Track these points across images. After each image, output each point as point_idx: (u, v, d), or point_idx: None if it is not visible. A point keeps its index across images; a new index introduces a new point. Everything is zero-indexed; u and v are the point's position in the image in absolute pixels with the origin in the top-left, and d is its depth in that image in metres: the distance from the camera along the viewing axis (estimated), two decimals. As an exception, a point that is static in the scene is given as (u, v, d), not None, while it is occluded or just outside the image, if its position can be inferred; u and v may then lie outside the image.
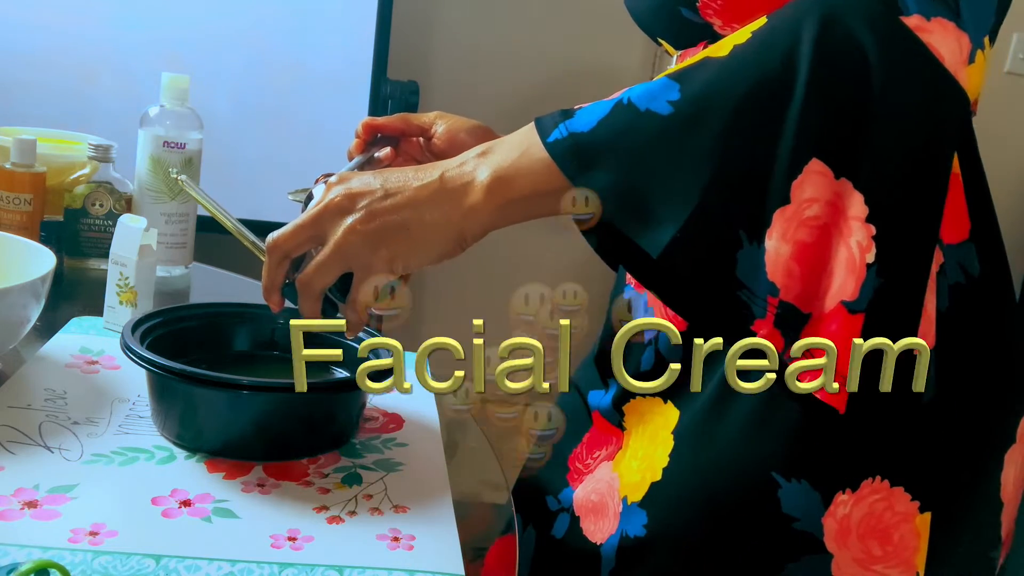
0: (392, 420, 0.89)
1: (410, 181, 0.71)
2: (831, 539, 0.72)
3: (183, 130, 1.26)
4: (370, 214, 0.71)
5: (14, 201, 1.18)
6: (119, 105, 2.04)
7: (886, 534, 0.73)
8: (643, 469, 0.81)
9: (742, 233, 0.63)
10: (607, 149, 0.65)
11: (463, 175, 0.70)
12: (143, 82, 1.60)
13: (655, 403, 0.82)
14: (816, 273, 0.63)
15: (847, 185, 0.62)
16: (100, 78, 2.09)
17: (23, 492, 0.69)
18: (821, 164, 0.62)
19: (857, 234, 0.62)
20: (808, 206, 0.62)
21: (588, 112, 0.67)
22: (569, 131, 0.66)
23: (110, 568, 0.62)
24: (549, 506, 0.91)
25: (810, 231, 0.62)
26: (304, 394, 0.79)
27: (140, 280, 1.02)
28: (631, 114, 0.65)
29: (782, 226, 0.62)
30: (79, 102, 2.07)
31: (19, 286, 0.83)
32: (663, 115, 0.64)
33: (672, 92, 0.64)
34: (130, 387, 0.88)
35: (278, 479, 0.75)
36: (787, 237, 0.62)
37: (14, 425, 0.78)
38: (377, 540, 0.69)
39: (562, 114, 0.69)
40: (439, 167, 0.71)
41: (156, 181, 1.25)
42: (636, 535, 0.79)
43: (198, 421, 0.78)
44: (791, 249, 0.62)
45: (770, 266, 0.63)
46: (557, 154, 0.66)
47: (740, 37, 0.66)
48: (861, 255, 0.62)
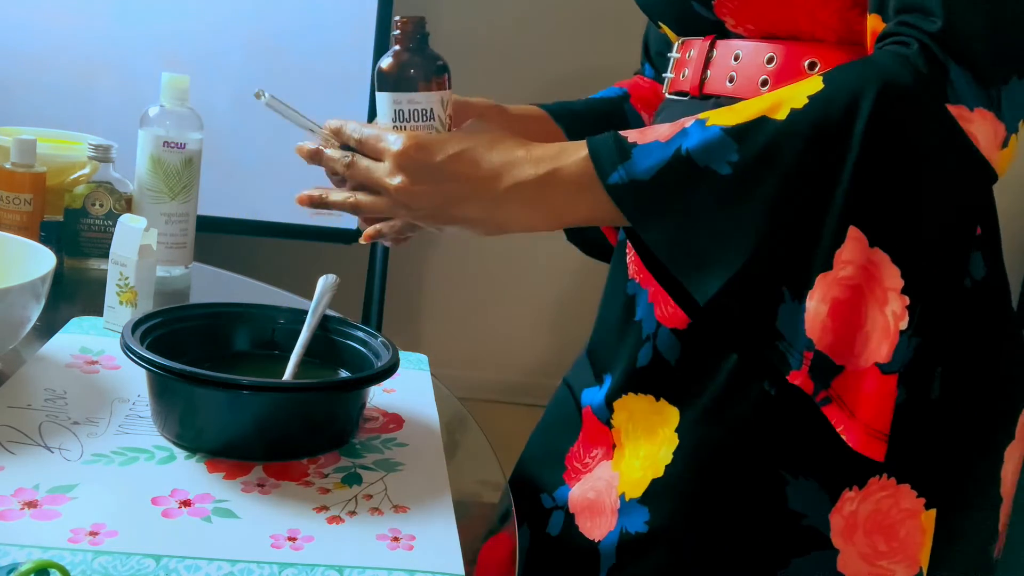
0: (392, 420, 0.89)
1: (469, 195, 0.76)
2: (838, 535, 0.74)
3: (183, 130, 1.26)
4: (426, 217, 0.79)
5: (14, 201, 1.18)
6: (119, 105, 2.04)
7: (892, 530, 0.74)
8: (644, 467, 0.81)
9: (785, 290, 0.69)
10: (666, 200, 0.69)
11: (523, 203, 0.75)
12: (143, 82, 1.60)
13: (647, 401, 0.83)
14: (849, 329, 0.68)
15: (883, 256, 0.67)
16: (100, 78, 2.09)
17: (23, 492, 0.69)
18: (857, 231, 0.67)
19: (893, 304, 0.67)
20: (843, 267, 0.67)
21: (646, 155, 0.70)
22: (629, 176, 0.70)
23: (110, 568, 0.62)
24: (543, 504, 0.92)
25: (843, 289, 0.67)
26: (304, 394, 0.80)
27: (140, 280, 1.02)
28: (690, 168, 0.69)
29: (823, 289, 0.68)
30: (79, 102, 2.07)
31: (19, 286, 0.83)
32: (721, 175, 0.68)
33: (731, 152, 0.68)
34: (130, 387, 0.88)
35: (278, 479, 0.75)
36: (826, 298, 0.68)
37: (14, 425, 0.78)
38: (377, 540, 0.69)
39: (618, 150, 0.71)
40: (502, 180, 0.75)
41: (156, 181, 1.25)
42: (638, 531, 0.80)
43: (198, 421, 0.78)
44: (827, 306, 0.68)
45: (809, 323, 0.68)
46: (618, 198, 0.71)
47: (797, 99, 0.68)
48: (895, 323, 0.67)
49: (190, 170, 1.27)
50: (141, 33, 2.08)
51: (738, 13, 0.77)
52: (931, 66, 0.66)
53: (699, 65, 0.82)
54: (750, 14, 0.77)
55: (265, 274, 1.41)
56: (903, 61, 0.67)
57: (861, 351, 0.68)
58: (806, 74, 0.75)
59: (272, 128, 2.18)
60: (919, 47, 0.67)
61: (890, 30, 0.69)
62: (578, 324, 1.13)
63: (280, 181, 2.19)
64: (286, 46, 2.14)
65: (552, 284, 2.83)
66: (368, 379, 0.81)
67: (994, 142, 0.67)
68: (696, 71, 0.83)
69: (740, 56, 0.79)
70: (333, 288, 0.92)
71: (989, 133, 0.67)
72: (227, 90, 2.13)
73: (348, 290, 2.28)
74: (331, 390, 0.82)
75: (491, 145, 0.77)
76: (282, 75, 2.16)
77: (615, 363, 0.88)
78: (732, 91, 0.79)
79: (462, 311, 2.90)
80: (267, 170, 2.19)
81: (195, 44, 2.11)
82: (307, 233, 2.26)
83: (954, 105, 0.66)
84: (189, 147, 1.26)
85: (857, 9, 0.73)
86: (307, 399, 0.79)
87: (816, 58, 0.75)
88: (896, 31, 0.69)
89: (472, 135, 0.78)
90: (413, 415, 0.90)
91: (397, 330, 2.59)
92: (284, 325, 0.91)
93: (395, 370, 0.82)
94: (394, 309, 2.58)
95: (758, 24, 0.77)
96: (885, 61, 0.68)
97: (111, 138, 1.31)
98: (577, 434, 0.92)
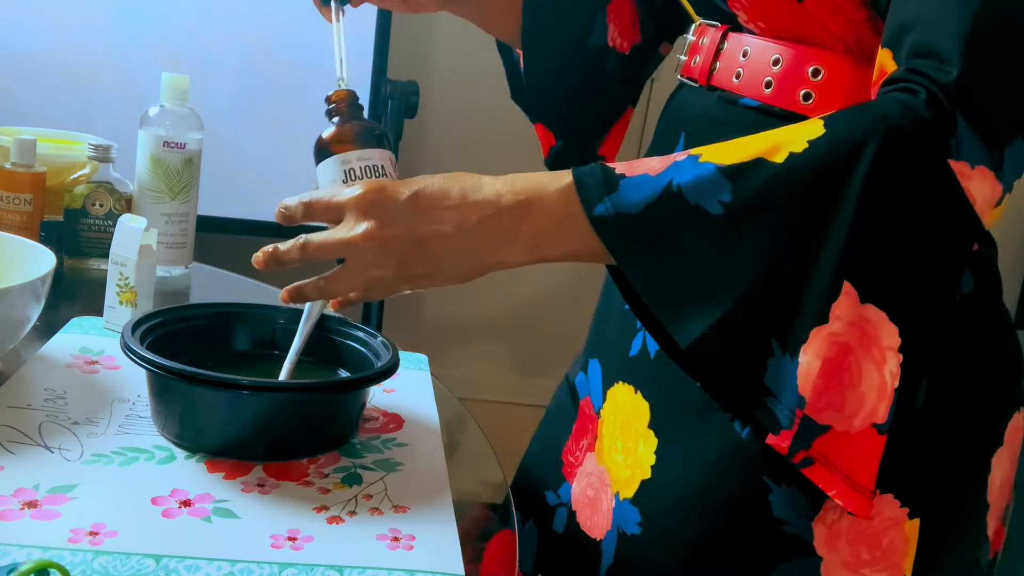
0: (392, 420, 0.89)
1: (444, 227, 0.70)
2: (821, 543, 0.73)
3: (183, 130, 1.26)
4: (401, 263, 0.72)
5: (14, 201, 1.18)
6: (119, 105, 2.04)
7: (875, 539, 0.74)
8: (630, 465, 0.82)
9: (775, 342, 0.65)
10: (652, 236, 0.66)
11: (500, 233, 0.70)
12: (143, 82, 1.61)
13: (629, 391, 0.83)
14: (839, 389, 0.65)
15: (878, 313, 0.64)
16: (100, 78, 2.09)
17: (23, 492, 0.69)
18: (849, 286, 0.64)
19: (890, 363, 0.64)
20: (833, 322, 0.64)
21: (634, 188, 0.67)
22: (616, 209, 0.66)
23: (110, 568, 0.62)
24: (548, 500, 0.92)
25: (830, 346, 0.64)
26: (304, 394, 0.80)
27: (140, 280, 1.02)
28: (679, 205, 0.65)
29: (819, 344, 0.64)
30: (79, 102, 2.07)
31: (19, 286, 0.83)
32: (712, 215, 0.65)
33: (724, 192, 0.64)
34: (130, 387, 0.88)
35: (278, 479, 0.75)
36: (819, 354, 0.64)
37: (14, 425, 0.78)
38: (377, 540, 0.69)
39: (604, 180, 0.67)
40: (476, 209, 0.70)
41: (156, 181, 1.25)
42: (632, 532, 0.80)
43: (198, 421, 0.78)
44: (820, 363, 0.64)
45: (802, 379, 0.64)
46: (602, 232, 0.67)
47: (796, 143, 0.65)
48: (892, 382, 0.65)
49: (190, 170, 1.27)
50: (141, 33, 2.08)
51: (750, 10, 0.77)
52: (938, 118, 0.64)
53: (710, 54, 0.83)
54: (761, 13, 0.77)
55: (265, 274, 1.40)
56: (908, 111, 0.64)
57: (855, 411, 0.65)
58: (809, 81, 0.75)
59: (272, 128, 2.19)
60: (927, 97, 0.64)
61: (900, 75, 0.66)
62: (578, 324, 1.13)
63: (280, 181, 2.20)
64: (286, 46, 2.14)
65: (552, 284, 2.83)
66: (368, 379, 0.81)
67: (990, 201, 0.65)
68: (706, 60, 0.83)
69: (748, 53, 0.79)
70: None
71: (987, 192, 0.65)
72: (227, 90, 2.13)
73: (348, 290, 2.29)
74: (331, 390, 0.82)
75: (454, 179, 0.72)
76: (282, 75, 2.16)
77: (608, 350, 0.88)
78: (737, 87, 0.79)
79: (462, 311, 2.90)
80: (267, 170, 2.19)
81: (195, 44, 2.11)
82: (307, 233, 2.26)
83: (956, 161, 0.64)
84: (189, 147, 1.26)
85: (869, 24, 0.72)
86: (307, 399, 0.79)
87: (821, 65, 0.74)
88: (906, 77, 0.66)
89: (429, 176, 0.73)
90: (413, 415, 0.90)
91: (397, 330, 2.59)
92: (284, 325, 0.91)
93: (395, 370, 0.82)
94: (394, 309, 2.58)
95: (768, 23, 0.77)
96: (889, 110, 0.65)
97: (111, 138, 1.31)
98: (572, 428, 0.93)
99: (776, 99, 0.76)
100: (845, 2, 0.72)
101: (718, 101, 0.81)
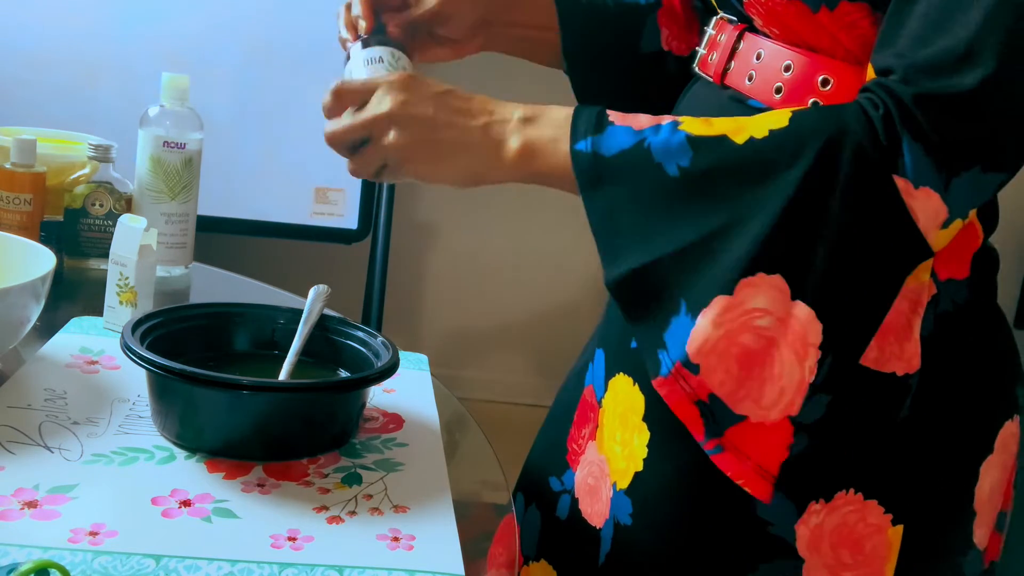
0: (392, 420, 0.89)
1: (456, 120, 0.78)
2: (803, 545, 0.75)
3: (183, 130, 1.26)
4: (415, 143, 0.78)
5: (14, 201, 1.18)
6: (119, 105, 2.04)
7: (858, 544, 0.75)
8: (626, 456, 0.84)
9: (683, 301, 0.70)
10: (615, 180, 0.73)
11: (501, 135, 0.77)
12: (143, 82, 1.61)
13: (628, 382, 0.85)
14: (756, 379, 0.69)
15: (806, 310, 0.68)
16: (100, 78, 2.09)
17: (23, 492, 0.69)
18: (782, 281, 0.68)
19: (811, 359, 0.69)
20: (760, 316, 0.68)
21: (614, 136, 0.73)
22: (593, 148, 0.73)
23: (110, 568, 0.62)
24: (552, 487, 0.93)
25: (757, 339, 0.68)
26: (304, 394, 0.80)
27: (140, 280, 1.02)
28: (645, 161, 0.72)
29: (718, 312, 0.68)
30: (79, 102, 2.07)
31: (19, 286, 0.83)
32: (669, 176, 0.71)
33: (684, 158, 0.71)
34: (130, 387, 0.88)
35: (278, 479, 0.75)
36: (723, 328, 0.68)
37: (14, 425, 0.78)
38: (377, 540, 0.69)
39: (596, 122, 0.74)
40: (485, 114, 0.78)
41: (156, 181, 1.25)
42: (625, 523, 0.82)
43: (198, 421, 0.78)
44: (735, 350, 0.68)
45: (692, 338, 0.69)
46: (575, 162, 0.74)
47: (760, 129, 0.70)
48: (810, 377, 0.69)
49: (190, 170, 1.27)
50: (141, 33, 2.08)
51: (765, 16, 0.79)
52: (888, 135, 0.67)
53: (726, 52, 0.84)
54: (776, 20, 0.78)
55: (265, 274, 1.41)
56: (865, 121, 0.68)
57: (774, 403, 0.69)
58: (818, 90, 0.76)
59: (272, 128, 2.19)
60: (884, 112, 0.68)
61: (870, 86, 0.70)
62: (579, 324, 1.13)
63: (280, 181, 2.20)
64: (286, 47, 2.14)
65: (552, 284, 2.83)
66: (368, 379, 0.82)
67: (934, 221, 0.68)
68: (722, 58, 0.84)
69: (762, 56, 0.80)
70: (324, 298, 0.92)
71: (930, 212, 0.68)
72: (227, 90, 2.13)
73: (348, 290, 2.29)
74: (331, 390, 0.82)
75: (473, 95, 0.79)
76: (282, 76, 2.16)
77: (612, 340, 0.90)
78: (749, 90, 0.81)
79: (462, 311, 2.90)
80: (267, 170, 2.19)
81: (195, 44, 2.11)
82: (307, 233, 2.26)
83: (900, 177, 0.67)
84: (189, 147, 1.26)
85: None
86: (307, 399, 0.79)
87: (830, 75, 0.76)
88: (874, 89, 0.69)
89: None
90: (413, 415, 0.90)
91: (397, 330, 2.59)
92: (284, 325, 0.91)
93: (395, 370, 0.82)
94: (394, 309, 2.58)
95: (783, 30, 0.78)
96: (848, 116, 0.69)
97: (111, 138, 1.31)
98: (575, 415, 0.94)
99: (784, 105, 0.77)
100: (859, 18, 0.73)
101: (729, 100, 0.82)
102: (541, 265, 2.76)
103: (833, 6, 0.73)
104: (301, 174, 2.21)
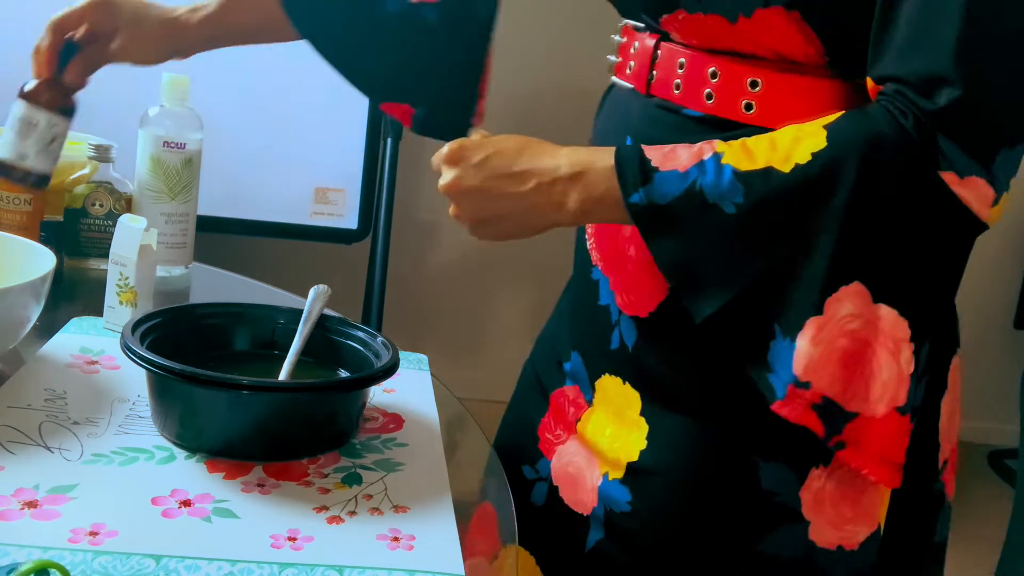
0: (392, 420, 0.89)
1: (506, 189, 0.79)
2: (808, 509, 0.80)
3: (183, 130, 1.26)
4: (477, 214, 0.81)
5: (14, 201, 1.18)
6: (119, 105, 2.04)
7: (856, 499, 0.81)
8: (616, 449, 0.86)
9: (776, 327, 0.74)
10: (677, 226, 0.75)
11: (556, 196, 0.78)
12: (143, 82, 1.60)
13: (617, 382, 0.88)
14: (860, 378, 0.73)
15: (889, 311, 0.73)
16: (100, 78, 2.08)
17: (23, 492, 0.69)
18: (861, 287, 0.72)
19: (904, 353, 0.73)
20: (850, 320, 0.73)
21: (665, 182, 0.75)
22: (648, 199, 0.75)
23: (110, 568, 0.62)
24: (526, 475, 0.95)
25: (853, 341, 0.73)
26: (304, 394, 0.80)
27: (140, 280, 1.02)
28: (701, 204, 0.74)
29: (814, 332, 0.72)
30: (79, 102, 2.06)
31: (19, 286, 0.83)
32: (727, 213, 0.73)
33: (737, 195, 0.73)
34: (130, 387, 0.88)
35: (278, 479, 0.75)
36: (822, 344, 0.72)
37: (14, 425, 0.78)
38: (377, 540, 0.69)
39: (641, 172, 0.76)
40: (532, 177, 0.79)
41: (156, 181, 1.25)
42: (621, 511, 0.85)
43: (198, 421, 0.78)
44: (835, 355, 0.72)
45: (798, 361, 0.73)
46: (636, 216, 0.76)
47: (802, 154, 0.73)
48: (908, 368, 0.74)
49: (190, 170, 1.27)
50: (141, 33, 2.08)
51: (683, 31, 0.81)
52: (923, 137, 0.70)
53: (644, 63, 0.85)
54: (695, 33, 0.80)
55: (265, 274, 1.41)
56: (898, 128, 0.71)
57: (879, 398, 0.73)
58: (748, 92, 0.78)
59: (272, 128, 2.19)
60: (914, 121, 0.70)
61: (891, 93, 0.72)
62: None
63: (280, 181, 2.20)
64: (286, 46, 2.14)
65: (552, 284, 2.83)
66: (368, 379, 0.82)
67: (985, 203, 0.72)
68: (642, 68, 0.85)
69: (684, 65, 0.81)
70: (324, 298, 0.92)
71: (980, 197, 0.71)
72: (227, 90, 2.13)
73: (348, 290, 2.29)
74: (331, 390, 0.82)
75: (525, 146, 0.80)
76: (282, 75, 2.16)
77: (589, 343, 0.92)
78: (678, 99, 0.82)
79: (462, 311, 2.90)
80: (267, 170, 2.19)
81: (195, 44, 2.10)
82: (307, 233, 2.26)
83: (945, 172, 0.70)
84: (189, 147, 1.26)
85: (800, 37, 0.75)
86: (307, 399, 0.79)
87: (758, 77, 0.78)
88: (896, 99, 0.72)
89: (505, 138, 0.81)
90: (413, 415, 0.90)
91: (397, 330, 2.59)
92: (284, 325, 0.91)
93: (395, 370, 0.82)
94: (394, 309, 2.58)
95: (701, 40, 0.81)
96: (882, 125, 0.71)
97: (111, 138, 1.31)
98: (545, 410, 0.96)
99: (718, 110, 0.80)
100: (778, 20, 0.75)
101: (658, 109, 0.84)
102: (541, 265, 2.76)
103: (750, 13, 0.75)
104: (301, 174, 2.21)
